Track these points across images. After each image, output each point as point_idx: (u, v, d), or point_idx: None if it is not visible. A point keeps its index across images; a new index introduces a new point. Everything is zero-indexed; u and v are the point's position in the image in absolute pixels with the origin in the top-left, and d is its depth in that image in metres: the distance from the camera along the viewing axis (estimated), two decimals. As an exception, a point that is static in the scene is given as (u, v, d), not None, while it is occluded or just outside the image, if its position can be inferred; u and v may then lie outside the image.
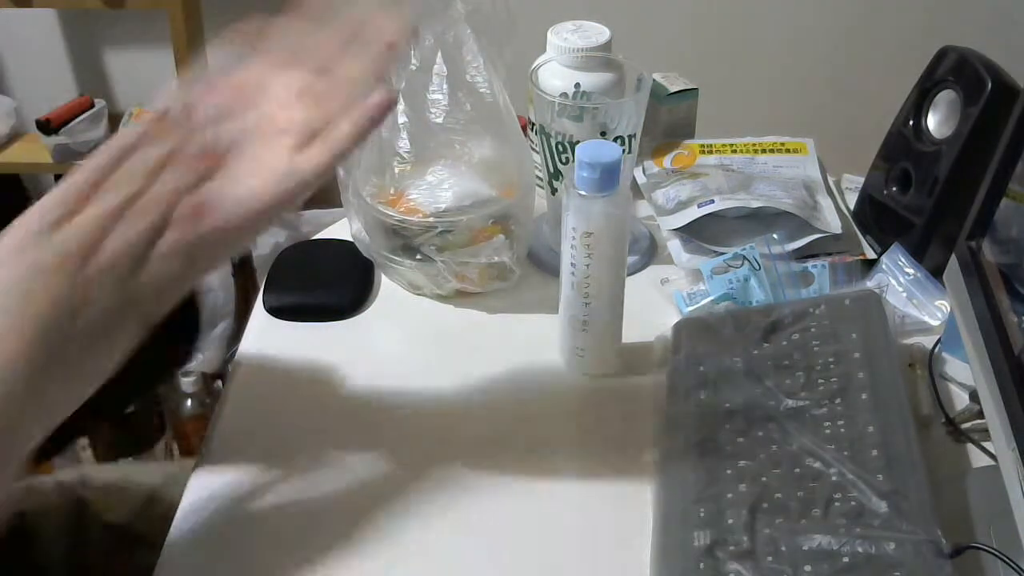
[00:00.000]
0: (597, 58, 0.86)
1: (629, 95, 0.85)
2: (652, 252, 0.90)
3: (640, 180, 0.93)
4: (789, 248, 0.82)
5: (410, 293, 0.86)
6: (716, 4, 1.87)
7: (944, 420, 0.71)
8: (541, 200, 0.88)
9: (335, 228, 0.93)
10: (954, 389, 0.75)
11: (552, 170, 0.85)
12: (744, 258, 0.81)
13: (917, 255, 0.82)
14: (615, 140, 0.82)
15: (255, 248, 1.59)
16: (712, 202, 0.85)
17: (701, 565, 0.58)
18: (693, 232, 0.86)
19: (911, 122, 0.84)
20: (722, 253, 0.83)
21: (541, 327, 0.80)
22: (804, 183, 0.90)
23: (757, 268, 0.80)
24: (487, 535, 0.65)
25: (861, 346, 0.69)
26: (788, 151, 0.95)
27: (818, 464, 0.62)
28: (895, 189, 0.85)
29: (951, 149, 0.79)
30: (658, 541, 0.61)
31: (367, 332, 0.83)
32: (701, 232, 0.86)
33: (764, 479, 0.62)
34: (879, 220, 0.87)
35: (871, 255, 0.85)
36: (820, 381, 0.68)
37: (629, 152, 0.84)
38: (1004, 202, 0.65)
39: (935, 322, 0.79)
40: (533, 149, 0.88)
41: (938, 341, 0.77)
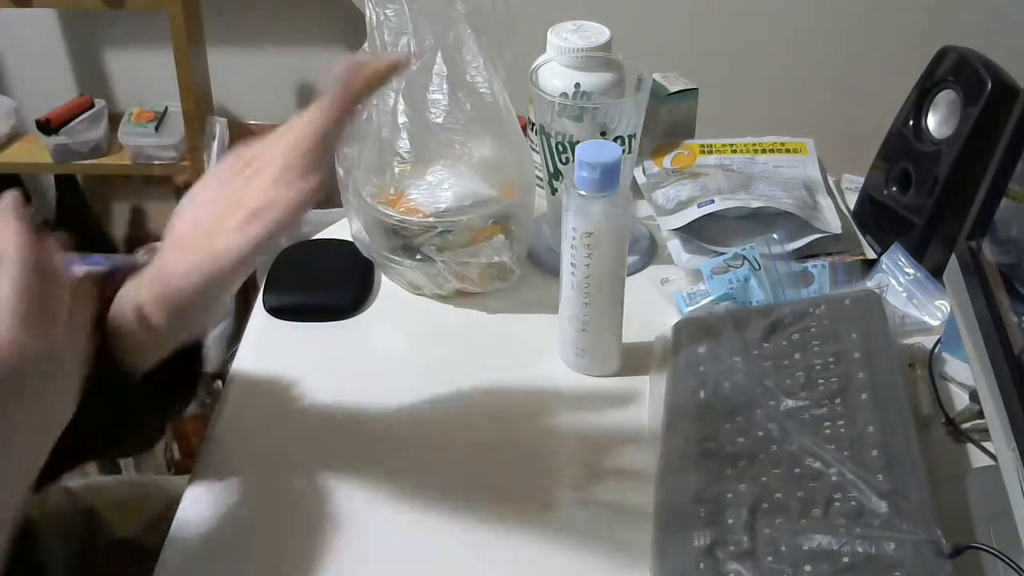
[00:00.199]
0: (597, 58, 0.86)
1: (629, 95, 0.85)
2: (652, 252, 0.90)
3: (640, 180, 0.93)
4: (789, 248, 0.82)
5: (410, 293, 0.86)
6: (716, 4, 1.87)
7: (944, 420, 0.71)
8: (541, 200, 0.88)
9: (335, 228, 0.93)
10: (954, 389, 0.75)
11: (552, 170, 0.85)
12: (744, 258, 0.81)
13: (917, 255, 0.82)
14: (615, 140, 0.82)
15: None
16: (712, 202, 0.85)
17: (701, 565, 0.58)
18: (693, 232, 0.86)
19: (911, 122, 0.84)
20: (722, 253, 0.83)
21: (541, 327, 0.80)
22: (804, 183, 0.90)
23: (757, 268, 0.80)
24: (487, 535, 0.65)
25: (861, 346, 0.69)
26: (788, 151, 0.95)
27: (818, 464, 0.62)
28: (895, 189, 0.85)
29: (951, 149, 0.79)
30: (658, 541, 0.61)
31: (367, 332, 0.83)
32: (701, 232, 0.86)
33: (764, 479, 0.62)
34: (879, 220, 0.87)
35: (871, 255, 0.85)
36: (820, 381, 0.68)
37: (629, 152, 0.84)
38: (1004, 202, 0.65)
39: (935, 322, 0.79)
40: (533, 149, 0.88)
41: (938, 341, 0.77)
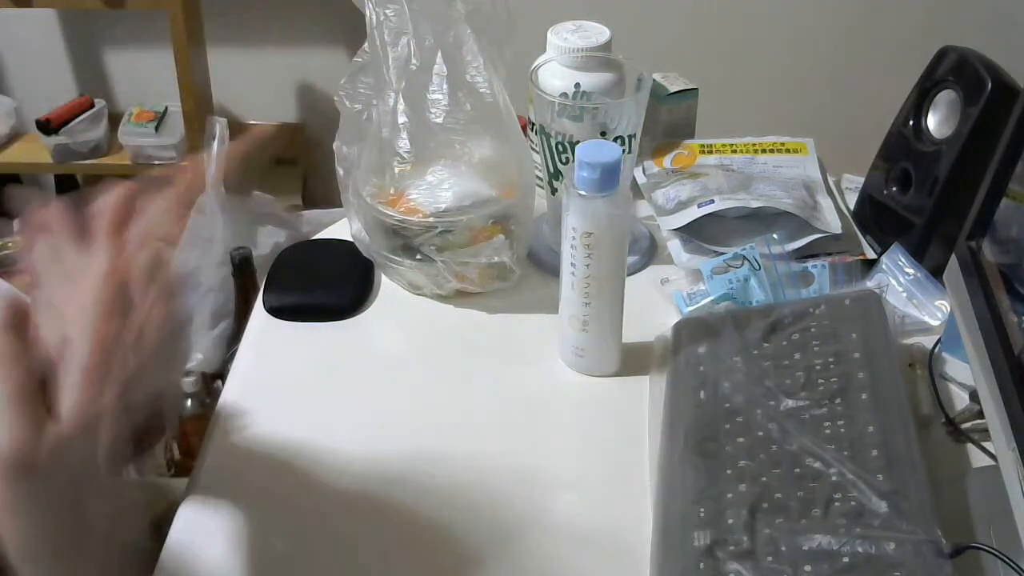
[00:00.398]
0: (597, 58, 0.86)
1: (629, 95, 0.85)
2: (652, 252, 0.90)
3: (640, 180, 0.93)
4: (789, 248, 0.82)
5: (410, 293, 0.86)
6: (716, 4, 1.87)
7: (944, 420, 0.71)
8: (541, 200, 0.88)
9: (335, 228, 0.93)
10: (954, 389, 0.75)
11: (552, 170, 0.85)
12: (744, 258, 0.81)
13: (917, 255, 0.82)
14: (615, 140, 0.82)
15: (255, 248, 1.59)
16: (712, 202, 0.85)
17: (701, 565, 0.58)
18: (693, 232, 0.86)
19: (911, 122, 0.84)
20: (722, 253, 0.83)
21: (541, 327, 0.80)
22: (804, 183, 0.90)
23: (757, 268, 0.80)
24: (486, 534, 0.65)
25: (861, 346, 0.69)
26: (788, 151, 0.95)
27: (818, 464, 0.62)
28: (895, 189, 0.85)
29: (951, 149, 0.79)
30: (658, 541, 0.61)
31: (367, 332, 0.83)
32: (701, 232, 0.86)
33: (764, 479, 0.62)
34: (879, 220, 0.87)
35: (871, 255, 0.85)
36: (820, 381, 0.68)
37: (629, 152, 0.84)
38: (1004, 202, 0.65)
39: (935, 322, 0.79)
40: (533, 149, 0.88)
41: (938, 341, 0.77)
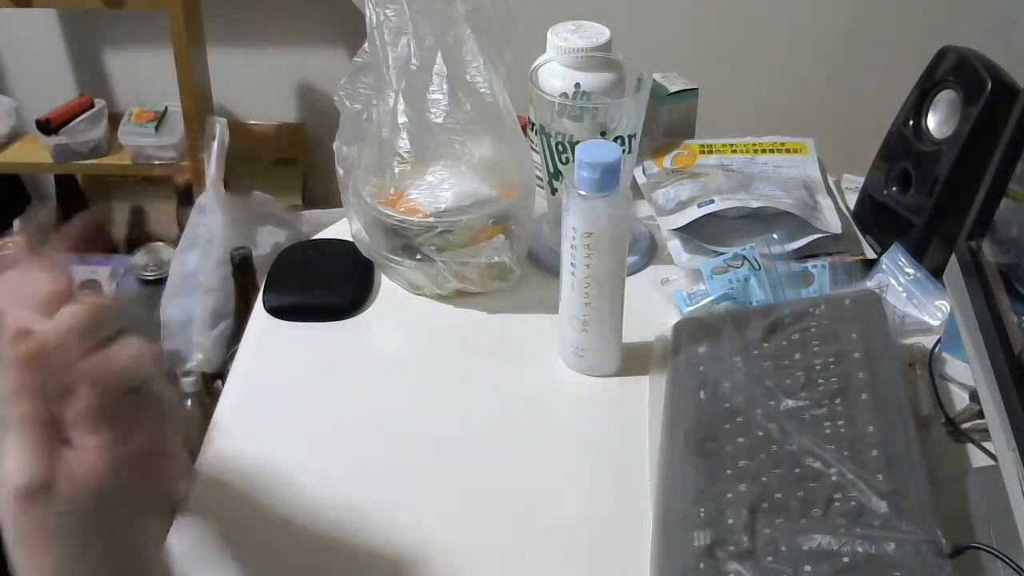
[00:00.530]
0: (597, 58, 0.86)
1: (629, 95, 0.85)
2: (652, 252, 0.90)
3: (640, 180, 0.93)
4: (789, 248, 0.82)
5: (410, 293, 0.86)
6: (716, 4, 1.87)
7: (944, 420, 0.71)
8: (541, 200, 0.88)
9: (335, 228, 0.93)
10: (954, 389, 0.75)
11: (552, 170, 0.85)
12: (744, 258, 0.81)
13: (917, 255, 0.82)
14: (615, 140, 0.82)
15: (255, 248, 1.59)
16: (712, 202, 0.85)
17: (701, 565, 0.58)
18: (693, 232, 0.86)
19: (911, 122, 0.84)
20: (722, 253, 0.83)
21: (541, 327, 0.80)
22: (804, 183, 0.90)
23: (757, 268, 0.80)
24: (486, 534, 0.65)
25: (861, 346, 0.69)
26: (788, 151, 0.95)
27: (818, 464, 0.62)
28: (895, 189, 0.85)
29: (951, 149, 0.79)
30: (658, 541, 0.61)
31: (367, 332, 0.83)
32: (701, 232, 0.86)
33: (764, 479, 0.62)
34: (879, 220, 0.87)
35: (871, 255, 0.85)
36: (820, 381, 0.68)
37: (629, 152, 0.84)
38: (1004, 202, 0.65)
39: (935, 322, 0.79)
40: (533, 149, 0.88)
41: (938, 341, 0.77)
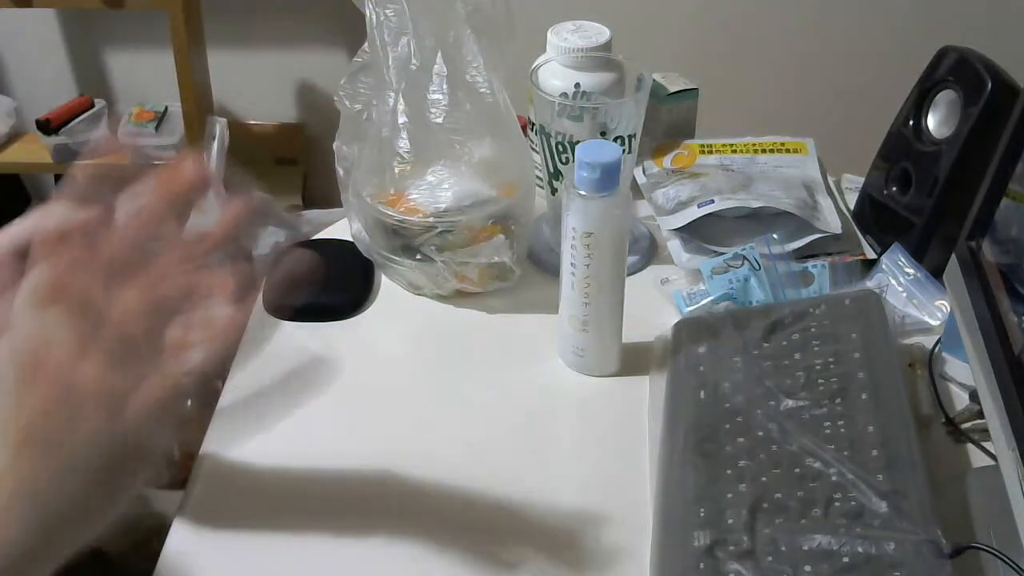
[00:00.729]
0: (597, 58, 0.86)
1: (629, 95, 0.85)
2: (652, 252, 0.90)
3: (640, 180, 0.93)
4: (789, 248, 0.82)
5: (410, 293, 0.86)
6: (716, 4, 1.87)
7: (944, 420, 0.71)
8: (541, 200, 0.88)
9: (335, 228, 0.93)
10: (954, 389, 0.75)
11: (552, 170, 0.85)
12: (744, 258, 0.81)
13: (917, 255, 0.82)
14: (615, 140, 0.82)
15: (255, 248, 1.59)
16: (712, 202, 0.85)
17: (701, 565, 0.58)
18: (693, 232, 0.86)
19: (911, 122, 0.84)
20: (722, 253, 0.83)
21: (541, 327, 0.80)
22: (804, 183, 0.90)
23: (757, 268, 0.80)
24: (487, 535, 0.65)
25: (861, 346, 0.69)
26: (788, 151, 0.95)
27: (818, 464, 0.62)
28: (895, 189, 0.85)
29: (951, 149, 0.79)
30: (658, 541, 0.61)
31: (367, 332, 0.83)
32: (701, 232, 0.86)
33: (764, 479, 0.62)
34: (879, 220, 0.87)
35: (871, 255, 0.85)
36: (820, 381, 0.68)
37: (629, 152, 0.84)
38: (1004, 202, 0.65)
39: (935, 322, 0.79)
40: (533, 149, 0.88)
41: (938, 341, 0.77)
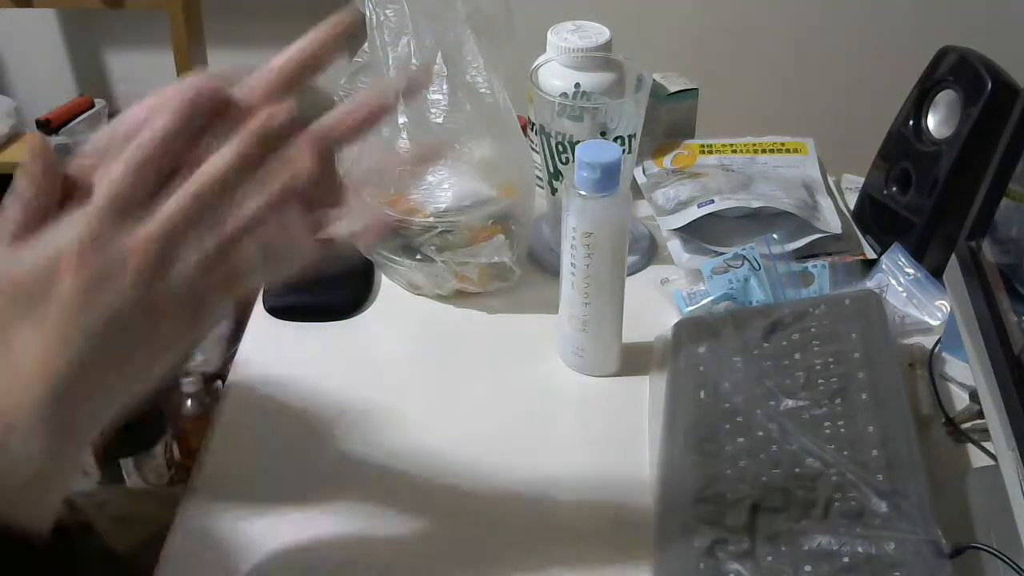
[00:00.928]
0: (597, 58, 0.86)
1: (629, 95, 0.85)
2: (652, 252, 0.90)
3: (640, 180, 0.93)
4: (789, 248, 0.82)
5: (410, 293, 0.86)
6: (716, 4, 1.87)
7: (944, 420, 0.71)
8: (541, 200, 0.88)
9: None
10: (954, 389, 0.75)
11: (552, 170, 0.85)
12: (744, 258, 0.81)
13: (917, 255, 0.82)
14: (615, 140, 0.82)
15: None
16: (712, 202, 0.85)
17: (701, 565, 0.58)
18: (693, 232, 0.86)
19: (911, 122, 0.84)
20: (722, 253, 0.83)
21: (541, 327, 0.80)
22: (804, 183, 0.90)
23: (757, 268, 0.80)
24: (487, 535, 0.65)
25: (861, 346, 0.69)
26: (788, 151, 0.95)
27: (818, 464, 0.62)
28: (895, 189, 0.85)
29: (951, 149, 0.79)
30: (658, 541, 0.61)
31: (367, 332, 0.83)
32: (701, 232, 0.86)
33: (764, 479, 0.62)
34: (879, 220, 0.87)
35: (871, 255, 0.85)
36: (820, 381, 0.68)
37: (629, 152, 0.84)
38: (1004, 202, 0.65)
39: (935, 322, 0.79)
40: (533, 149, 0.88)
41: (938, 341, 0.77)
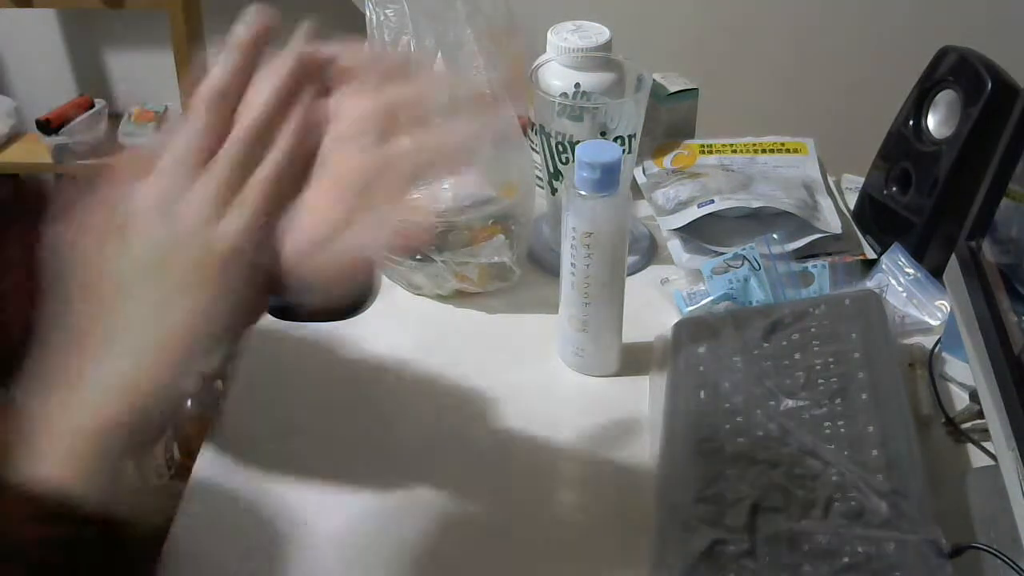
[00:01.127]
0: (597, 58, 0.86)
1: (629, 95, 0.85)
2: (652, 252, 0.90)
3: (640, 180, 0.93)
4: (789, 248, 0.82)
5: (410, 293, 0.86)
6: (716, 4, 1.87)
7: (944, 420, 0.71)
8: (541, 200, 0.88)
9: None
10: (954, 389, 0.75)
11: (552, 170, 0.85)
12: (744, 258, 0.81)
13: (917, 255, 0.82)
14: (615, 140, 0.82)
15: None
16: (712, 202, 0.85)
17: (701, 565, 0.58)
18: (693, 232, 0.86)
19: (911, 122, 0.84)
20: (722, 253, 0.83)
21: (541, 327, 0.80)
22: (804, 183, 0.90)
23: (757, 268, 0.80)
24: (485, 534, 0.65)
25: (861, 346, 0.69)
26: (788, 151, 0.95)
27: (818, 464, 0.62)
28: (895, 189, 0.85)
29: (951, 149, 0.79)
30: (658, 541, 0.61)
31: (367, 332, 0.83)
32: (701, 232, 0.86)
33: (764, 479, 0.62)
34: (879, 220, 0.87)
35: (871, 255, 0.85)
36: (820, 381, 0.68)
37: (629, 152, 0.84)
38: (1004, 202, 0.65)
39: (935, 322, 0.79)
40: (533, 149, 0.88)
41: (938, 341, 0.77)
